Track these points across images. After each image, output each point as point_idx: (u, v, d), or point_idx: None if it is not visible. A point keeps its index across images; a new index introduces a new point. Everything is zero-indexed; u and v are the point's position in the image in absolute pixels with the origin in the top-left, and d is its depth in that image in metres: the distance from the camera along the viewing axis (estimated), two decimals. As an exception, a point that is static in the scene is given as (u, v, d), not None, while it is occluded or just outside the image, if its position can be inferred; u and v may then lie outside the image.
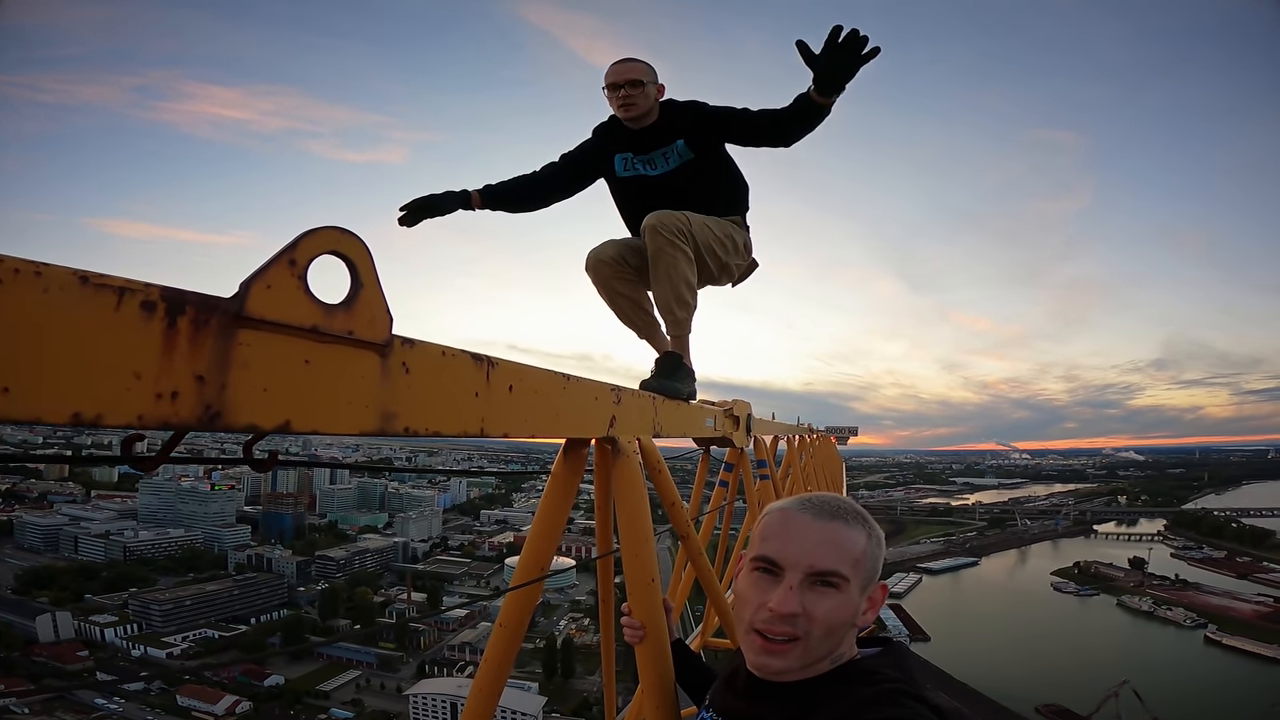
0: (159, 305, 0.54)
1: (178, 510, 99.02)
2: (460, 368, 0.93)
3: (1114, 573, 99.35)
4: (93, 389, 0.50)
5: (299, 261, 0.65)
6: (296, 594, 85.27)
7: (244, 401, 0.61)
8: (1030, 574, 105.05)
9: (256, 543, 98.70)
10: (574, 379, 1.30)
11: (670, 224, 2.43)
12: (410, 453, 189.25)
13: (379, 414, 0.77)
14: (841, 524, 1.00)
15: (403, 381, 0.80)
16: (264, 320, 0.62)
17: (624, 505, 1.64)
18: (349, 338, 0.71)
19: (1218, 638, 71.84)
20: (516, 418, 1.05)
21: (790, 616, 0.95)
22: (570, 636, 71.04)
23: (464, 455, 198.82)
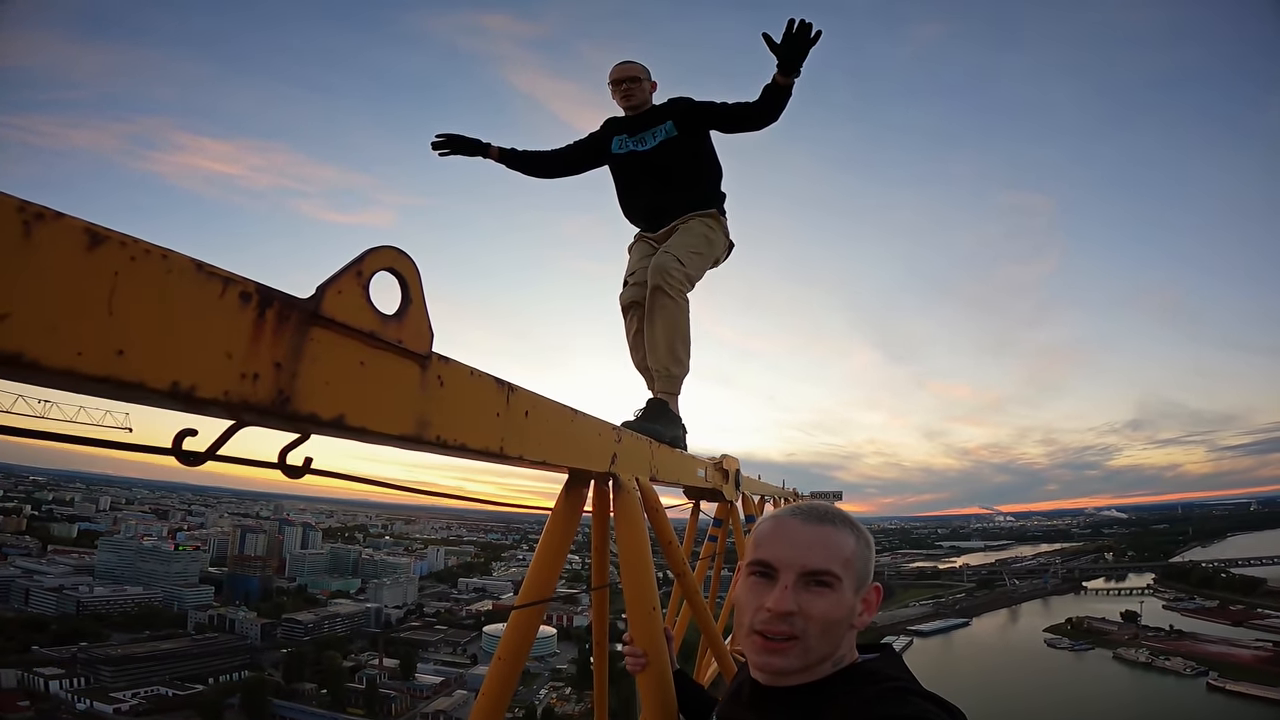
0: (254, 297, 0.63)
1: (137, 568, 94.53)
2: (485, 389, 1.01)
3: (1107, 627, 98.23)
4: (192, 363, 0.57)
5: (364, 273, 0.76)
6: (259, 656, 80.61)
7: (310, 391, 0.69)
8: (1022, 632, 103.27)
9: (219, 604, 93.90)
10: (580, 414, 1.39)
11: (674, 272, 2.71)
12: (387, 520, 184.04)
13: (416, 420, 0.84)
14: (831, 527, 1.06)
15: (437, 394, 0.89)
16: (333, 321, 0.71)
17: (625, 537, 1.69)
18: (398, 346, 0.80)
19: (1220, 684, 70.95)
20: (531, 442, 1.13)
21: (786, 615, 0.99)
22: (551, 706, 67.53)
23: (443, 524, 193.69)
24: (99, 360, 0.50)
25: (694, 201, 3.03)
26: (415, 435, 0.85)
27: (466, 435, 0.94)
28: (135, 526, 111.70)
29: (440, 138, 3.23)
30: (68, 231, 0.49)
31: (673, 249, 2.84)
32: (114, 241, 0.52)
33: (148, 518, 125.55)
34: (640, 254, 3.17)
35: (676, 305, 2.74)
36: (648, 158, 3.06)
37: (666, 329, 2.73)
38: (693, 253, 2.86)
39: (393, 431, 0.81)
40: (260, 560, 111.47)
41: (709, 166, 3.13)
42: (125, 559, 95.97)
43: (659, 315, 2.74)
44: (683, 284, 2.77)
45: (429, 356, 0.87)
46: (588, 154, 3.31)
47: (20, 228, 0.46)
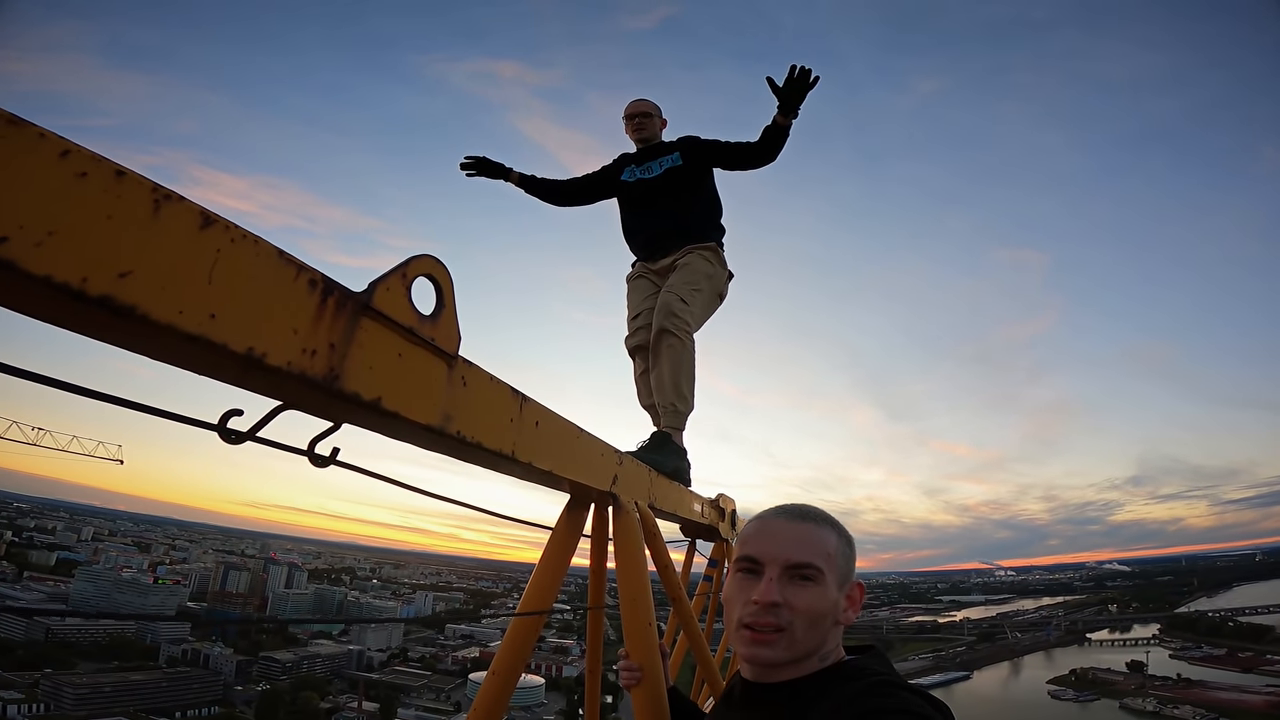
0: (319, 284, 0.74)
1: (114, 599, 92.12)
2: (502, 395, 1.10)
3: (1113, 677, 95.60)
4: (267, 333, 0.67)
5: (408, 275, 0.87)
6: (233, 692, 77.74)
7: (356, 373, 0.79)
8: (1025, 684, 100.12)
9: (195, 638, 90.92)
10: (585, 433, 1.47)
11: (680, 313, 2.83)
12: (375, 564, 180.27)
13: (442, 414, 0.93)
14: (812, 524, 1.11)
15: (461, 392, 0.97)
16: (380, 313, 0.82)
17: (624, 555, 1.72)
18: (431, 344, 0.90)
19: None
20: (540, 450, 1.20)
21: (772, 606, 1.03)
22: (539, 758, 64.81)
23: (433, 570, 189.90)
24: (196, 320, 0.60)
25: (695, 232, 3.16)
26: (440, 427, 0.92)
27: (484, 435, 1.02)
28: (116, 558, 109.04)
29: (469, 159, 3.47)
30: (187, 212, 0.59)
31: (675, 289, 2.95)
32: (220, 225, 0.62)
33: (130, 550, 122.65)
34: (641, 292, 3.28)
35: (682, 345, 2.84)
36: (653, 184, 3.23)
37: (673, 368, 2.82)
38: (694, 290, 2.97)
39: (421, 420, 0.89)
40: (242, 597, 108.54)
41: (711, 199, 3.28)
42: (102, 589, 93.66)
43: (665, 354, 2.84)
44: (687, 324, 2.87)
45: (456, 357, 0.96)
46: (601, 184, 3.49)
47: (151, 205, 0.56)
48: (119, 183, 0.54)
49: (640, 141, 3.38)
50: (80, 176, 0.51)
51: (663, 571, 2.00)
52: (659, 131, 3.40)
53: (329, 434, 0.92)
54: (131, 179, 0.55)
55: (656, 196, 3.22)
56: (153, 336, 0.60)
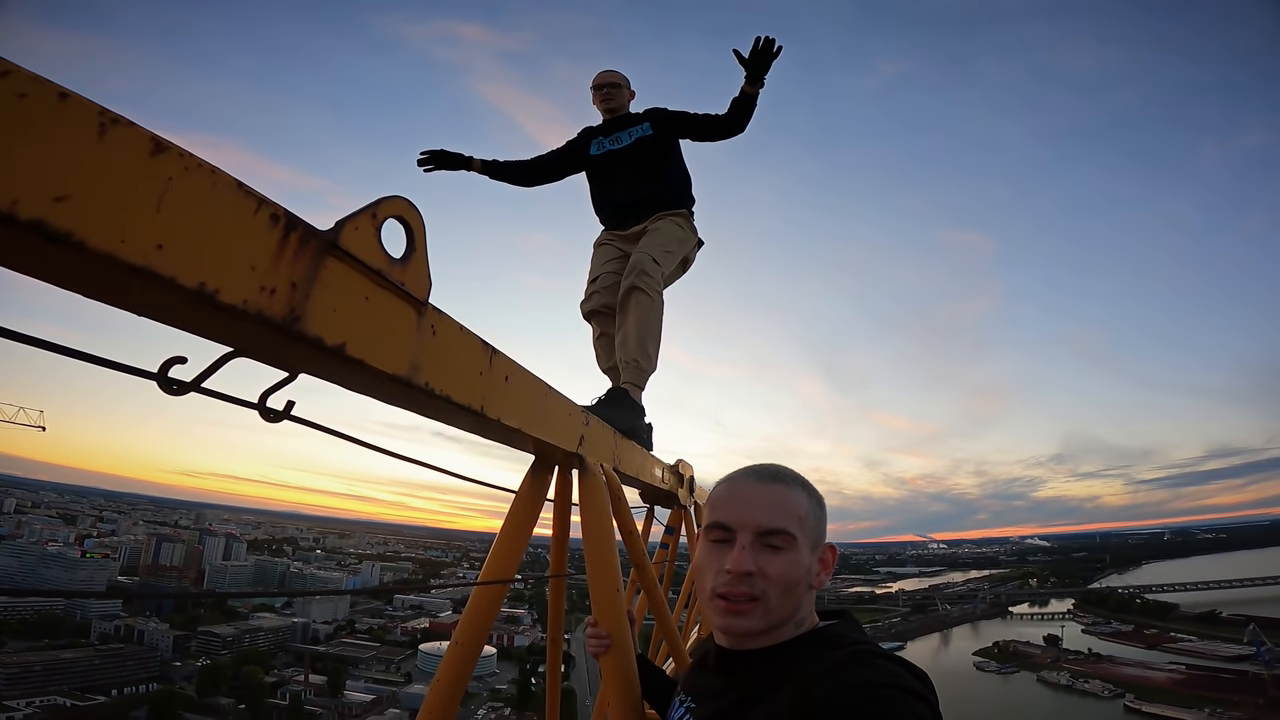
0: (281, 219, 0.67)
1: (39, 575, 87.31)
2: (472, 347, 1.04)
3: (1032, 650, 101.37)
4: (221, 268, 0.61)
5: (378, 216, 0.81)
6: (170, 668, 75.35)
7: (319, 315, 0.72)
8: (954, 655, 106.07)
9: (128, 614, 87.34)
10: (553, 391, 1.42)
11: (650, 271, 2.80)
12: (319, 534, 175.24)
13: (409, 362, 0.87)
14: (783, 486, 1.07)
15: (430, 341, 0.92)
16: (347, 253, 0.76)
17: (589, 519, 1.69)
18: (401, 289, 0.84)
19: (1136, 705, 73.24)
20: (509, 407, 1.15)
21: (746, 575, 1.00)
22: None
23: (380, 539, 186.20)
24: (140, 250, 0.54)
25: (666, 199, 3.14)
26: (407, 377, 0.87)
27: (453, 388, 0.96)
28: (40, 531, 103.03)
29: (425, 154, 3.35)
30: (137, 138, 0.54)
31: (647, 249, 2.93)
32: (174, 152, 0.57)
33: (54, 522, 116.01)
34: (604, 257, 3.25)
35: (652, 302, 2.82)
36: (622, 154, 3.20)
37: (639, 324, 2.79)
38: (665, 251, 2.96)
39: (388, 369, 0.83)
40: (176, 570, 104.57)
41: (680, 169, 3.27)
42: (27, 564, 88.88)
43: (633, 310, 2.81)
44: (658, 283, 2.86)
45: (426, 304, 0.90)
46: (567, 160, 3.43)
47: (96, 129, 0.51)
48: (62, 104, 0.49)
49: (608, 112, 3.34)
50: (20, 97, 0.47)
51: (627, 538, 1.97)
52: (627, 103, 3.36)
53: (283, 385, 0.85)
54: (76, 101, 0.50)
55: (625, 167, 3.19)
56: (91, 269, 0.54)
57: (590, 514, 1.68)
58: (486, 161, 3.44)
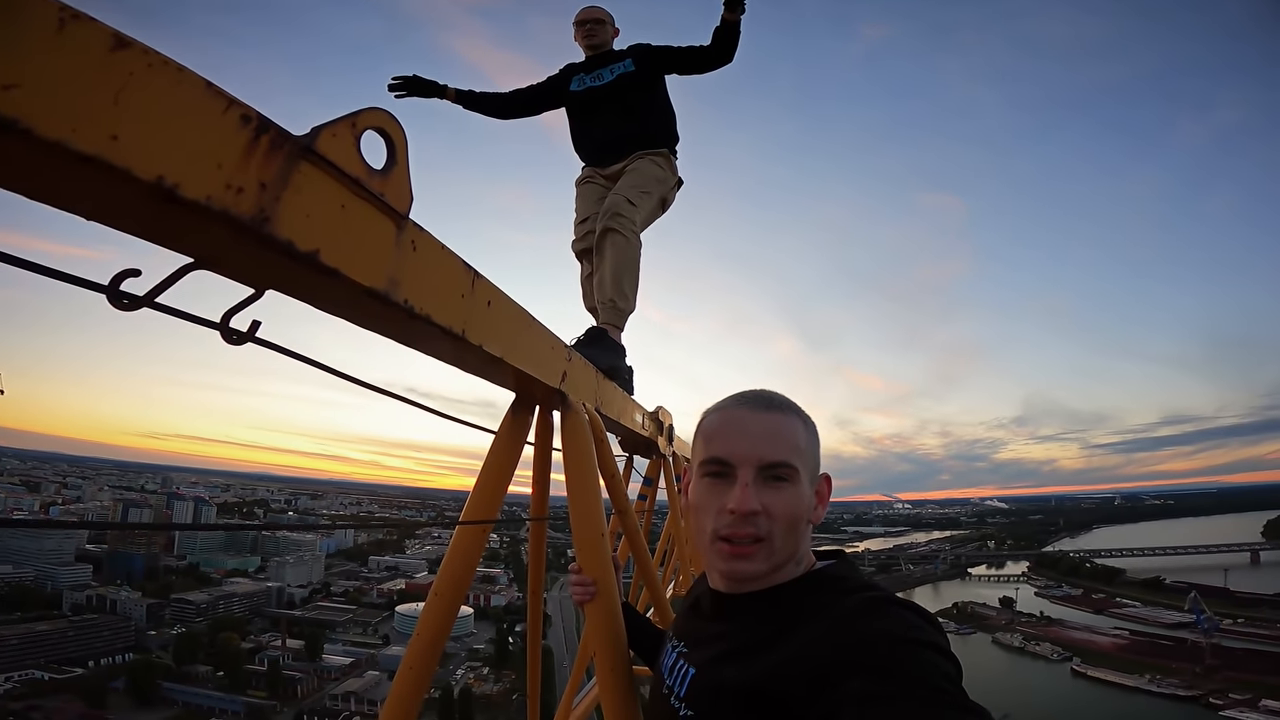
0: (253, 120, 0.64)
1: (4, 545, 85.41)
2: (454, 267, 1.01)
3: (987, 612, 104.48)
4: (182, 163, 0.57)
5: (357, 126, 0.77)
6: (146, 637, 75.17)
7: (290, 218, 0.68)
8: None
9: (99, 583, 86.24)
10: (536, 321, 1.37)
11: (626, 212, 2.77)
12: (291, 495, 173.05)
13: (387, 277, 0.84)
14: (780, 414, 1.00)
15: (410, 257, 0.88)
16: (324, 158, 0.72)
17: (572, 460, 1.64)
18: (379, 199, 0.81)
19: (1083, 670, 75.63)
20: (491, 333, 1.11)
21: (751, 515, 0.94)
22: (469, 686, 66.73)
23: (353, 500, 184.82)
24: (92, 139, 0.51)
25: (647, 138, 3.08)
26: (385, 292, 0.83)
27: (433, 308, 0.93)
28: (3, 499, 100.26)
29: (397, 80, 3.23)
30: (97, 33, 0.51)
31: (623, 190, 2.89)
32: (138, 48, 0.53)
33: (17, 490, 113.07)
34: (590, 196, 3.20)
35: (628, 243, 2.79)
36: (604, 91, 3.12)
37: (615, 265, 2.76)
38: (643, 193, 2.92)
39: (364, 281, 0.80)
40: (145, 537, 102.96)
41: (664, 106, 3.20)
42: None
43: (609, 251, 2.78)
44: (633, 224, 2.82)
45: (406, 218, 0.86)
46: (546, 95, 3.34)
47: (55, 22, 0.49)
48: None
49: (590, 49, 3.26)
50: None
51: (609, 481, 1.92)
52: (610, 40, 3.29)
53: (248, 304, 0.81)
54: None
55: (607, 103, 3.12)
56: (38, 161, 0.51)
57: (573, 454, 1.63)
58: (461, 91, 3.36)
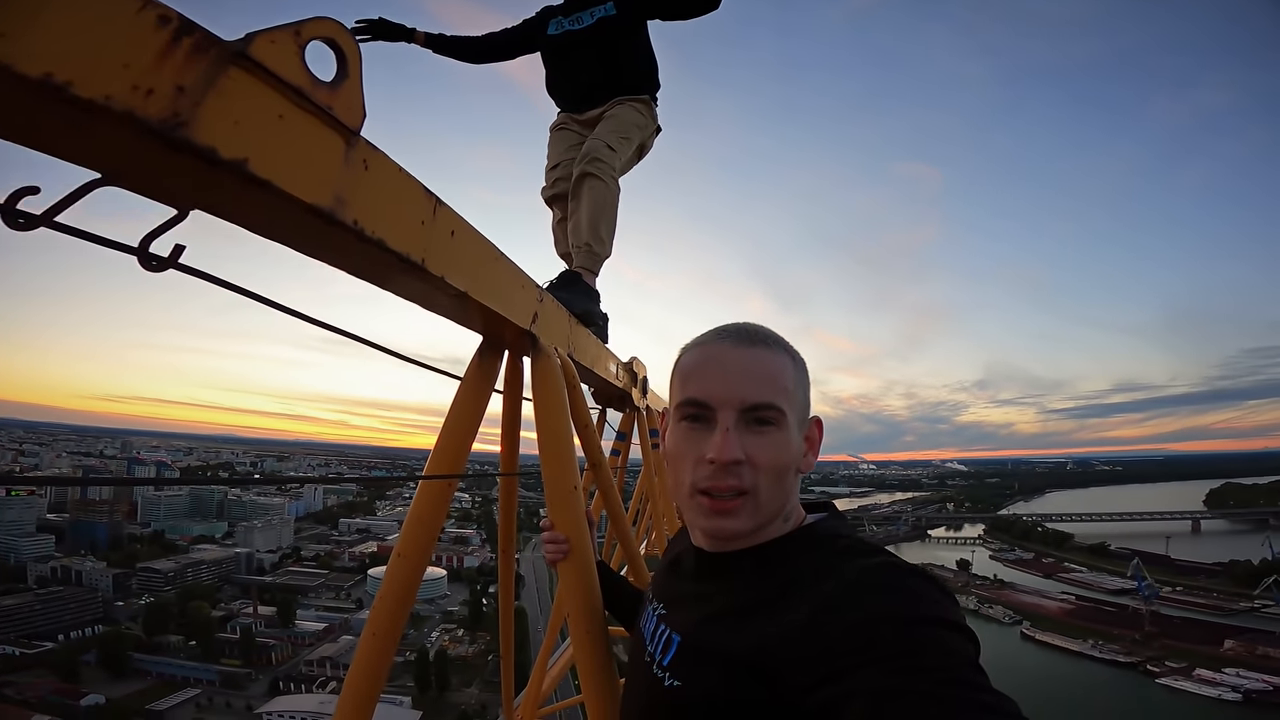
0: (174, 21, 0.57)
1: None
2: (412, 192, 0.93)
3: (945, 574, 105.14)
4: (76, 61, 0.51)
5: (303, 35, 0.69)
6: (114, 609, 74.34)
7: (212, 124, 0.61)
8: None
9: (63, 554, 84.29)
10: (505, 257, 1.27)
11: (604, 156, 2.67)
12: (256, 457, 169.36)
13: (333, 194, 0.76)
14: (765, 350, 0.89)
15: (361, 175, 0.80)
16: (258, 64, 0.64)
17: (544, 408, 1.53)
18: (326, 112, 0.72)
19: (1031, 633, 76.50)
20: (454, 264, 1.03)
21: (734, 465, 0.84)
22: (444, 648, 67.64)
23: (321, 461, 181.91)
24: None
25: (627, 83, 2.96)
26: (330, 210, 0.75)
27: (387, 231, 0.85)
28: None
29: (361, 23, 3.04)
30: None
31: (601, 135, 2.78)
32: None
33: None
34: (564, 142, 3.07)
35: (606, 187, 2.69)
36: (583, 35, 2.97)
37: (592, 209, 2.66)
38: (622, 138, 2.81)
39: (305, 197, 0.71)
40: (107, 505, 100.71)
41: (645, 51, 3.06)
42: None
43: (585, 195, 2.68)
44: (612, 168, 2.72)
45: (358, 135, 0.78)
46: (522, 38, 3.18)
47: None
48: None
49: None
50: None
51: (582, 431, 1.79)
52: None
53: (171, 226, 0.72)
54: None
55: (585, 48, 2.96)
56: None
57: (545, 401, 1.52)
58: (431, 35, 3.17)
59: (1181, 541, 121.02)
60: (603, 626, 1.46)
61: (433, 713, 56.25)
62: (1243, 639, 66.99)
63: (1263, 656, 63.05)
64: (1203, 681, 58.81)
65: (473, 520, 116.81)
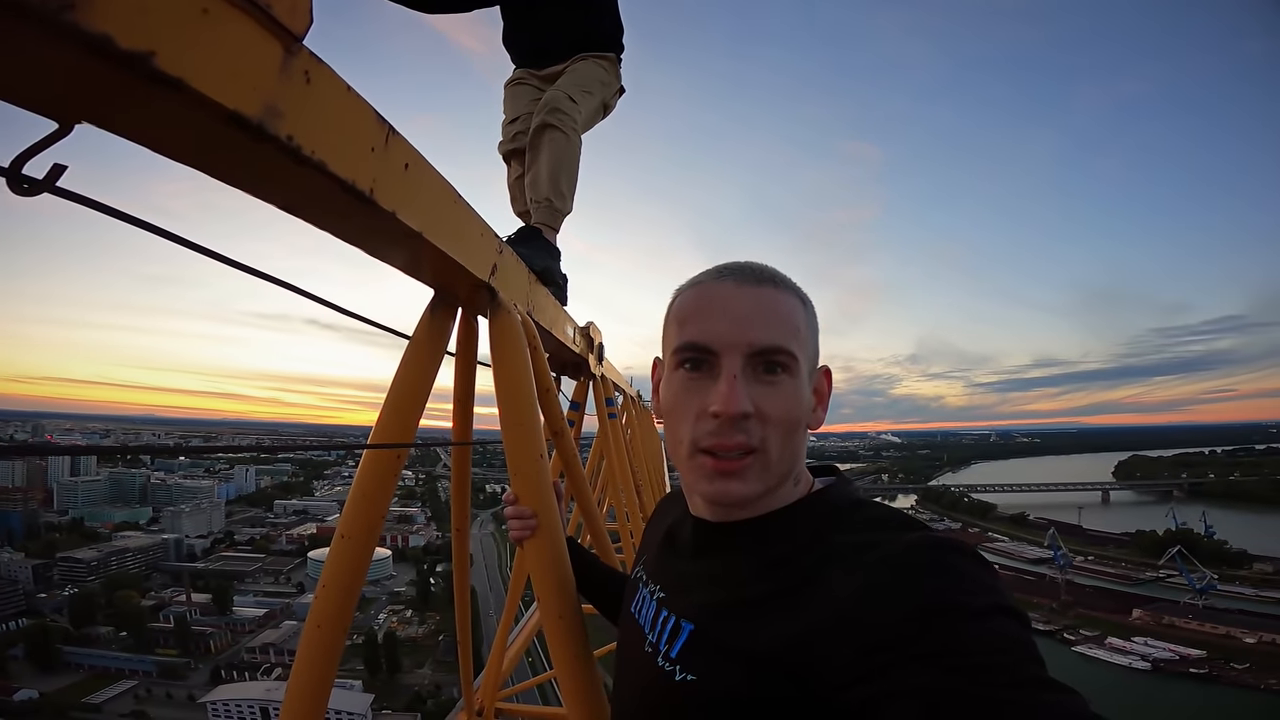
0: None
1: None
2: (361, 114, 0.80)
3: None
4: None
5: None
6: (37, 600, 70.26)
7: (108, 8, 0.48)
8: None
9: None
10: (464, 201, 1.13)
11: (567, 108, 2.52)
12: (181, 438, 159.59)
13: (264, 104, 0.63)
14: (774, 289, 0.78)
15: (301, 88, 0.68)
16: None
17: (504, 368, 1.36)
18: (263, 11, 0.60)
19: None
20: (407, 200, 0.91)
21: (741, 420, 0.72)
22: (392, 630, 66.58)
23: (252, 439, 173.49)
24: None
25: (592, 39, 2.80)
26: (258, 121, 0.62)
27: (330, 154, 0.73)
28: None
29: None
30: None
31: (564, 87, 2.63)
32: None
33: None
34: (522, 97, 2.90)
35: (567, 139, 2.54)
36: None
37: (553, 161, 2.51)
38: (585, 92, 2.67)
39: (228, 103, 0.58)
40: (20, 491, 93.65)
41: (612, 8, 2.91)
42: None
43: (546, 147, 2.53)
44: (575, 121, 2.58)
45: (299, 41, 0.65)
46: None
47: None
48: None
49: None
50: None
51: (544, 395, 1.62)
52: None
53: (51, 143, 0.59)
54: None
55: (551, 2, 2.78)
56: None
57: (506, 362, 1.36)
58: None
59: (1093, 512, 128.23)
60: (577, 609, 1.33)
61: (385, 695, 55.66)
62: (1150, 608, 70.10)
63: (1168, 626, 65.78)
64: (1115, 650, 61.63)
65: (417, 498, 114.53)
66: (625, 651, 0.90)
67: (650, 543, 1.00)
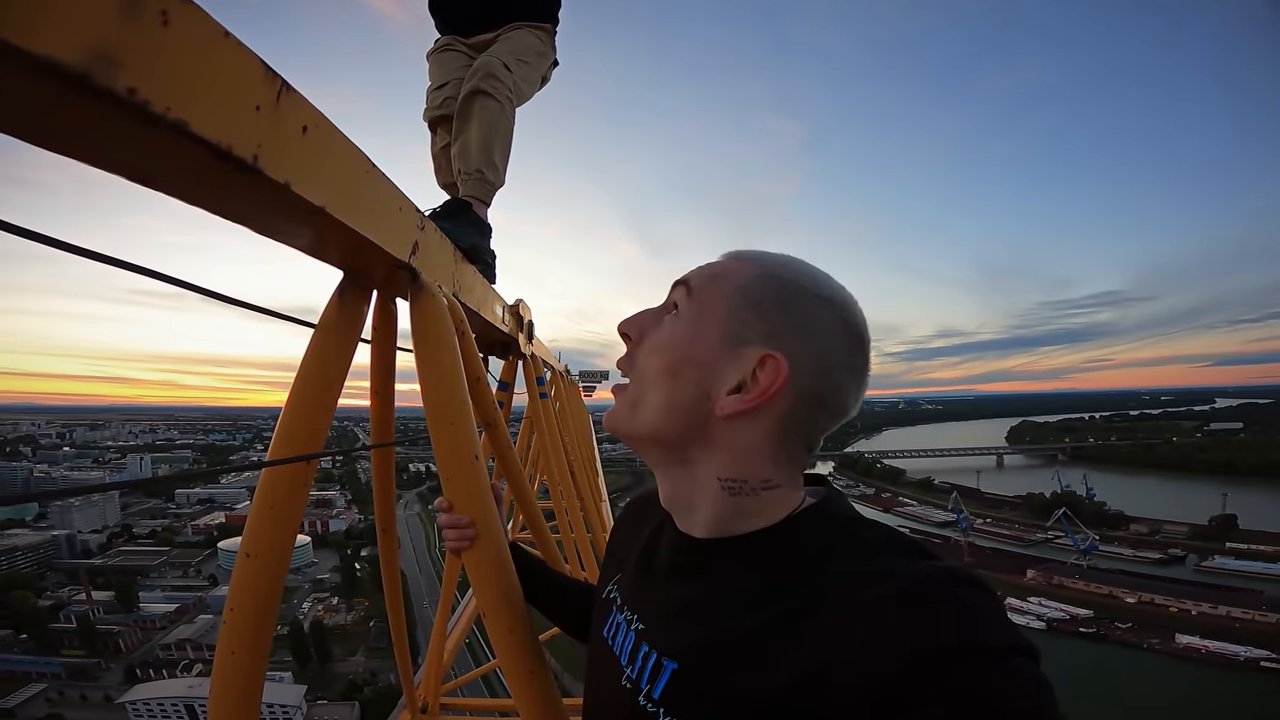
0: None
1: None
2: (244, 65, 0.62)
3: None
4: None
5: None
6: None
7: None
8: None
9: None
10: (379, 171, 0.94)
11: (502, 75, 2.33)
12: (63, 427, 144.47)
13: (93, 51, 0.47)
14: (732, 259, 0.76)
15: (153, 31, 0.51)
16: None
17: (430, 358, 1.18)
18: None
19: None
20: (306, 169, 0.73)
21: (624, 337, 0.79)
22: (319, 618, 63.99)
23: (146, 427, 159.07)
24: None
25: (527, 8, 2.58)
26: (82, 69, 0.46)
27: (192, 112, 0.55)
28: None
29: None
30: None
31: (498, 53, 2.40)
32: None
33: None
34: (451, 63, 2.63)
35: (501, 108, 2.33)
36: None
37: (485, 130, 2.30)
38: (520, 60, 2.46)
39: (36, 48, 0.42)
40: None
41: None
42: None
43: (477, 116, 2.31)
44: (509, 89, 2.36)
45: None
46: None
47: None
48: None
49: None
50: None
51: (474, 385, 1.41)
52: None
53: None
54: None
55: None
56: None
57: (431, 352, 1.18)
58: None
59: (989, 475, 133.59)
60: (529, 622, 1.20)
61: (319, 685, 53.69)
62: (1041, 569, 72.11)
63: (1058, 586, 67.97)
64: (1013, 610, 64.84)
65: (335, 481, 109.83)
66: (598, 680, 0.81)
67: (622, 554, 0.90)
